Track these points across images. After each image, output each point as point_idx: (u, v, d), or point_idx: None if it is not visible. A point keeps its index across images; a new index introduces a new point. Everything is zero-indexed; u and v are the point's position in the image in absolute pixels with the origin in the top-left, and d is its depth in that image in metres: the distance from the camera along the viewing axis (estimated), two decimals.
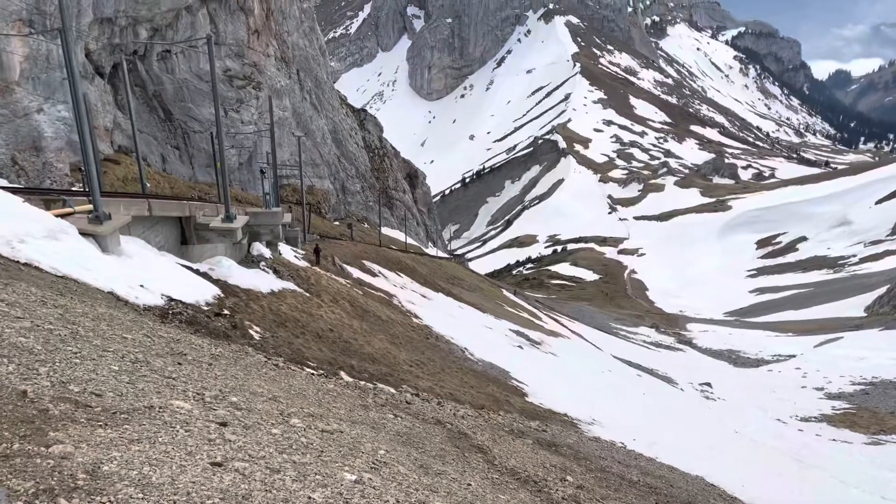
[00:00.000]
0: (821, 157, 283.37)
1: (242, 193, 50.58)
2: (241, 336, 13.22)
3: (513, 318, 44.28)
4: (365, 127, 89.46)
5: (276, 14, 61.20)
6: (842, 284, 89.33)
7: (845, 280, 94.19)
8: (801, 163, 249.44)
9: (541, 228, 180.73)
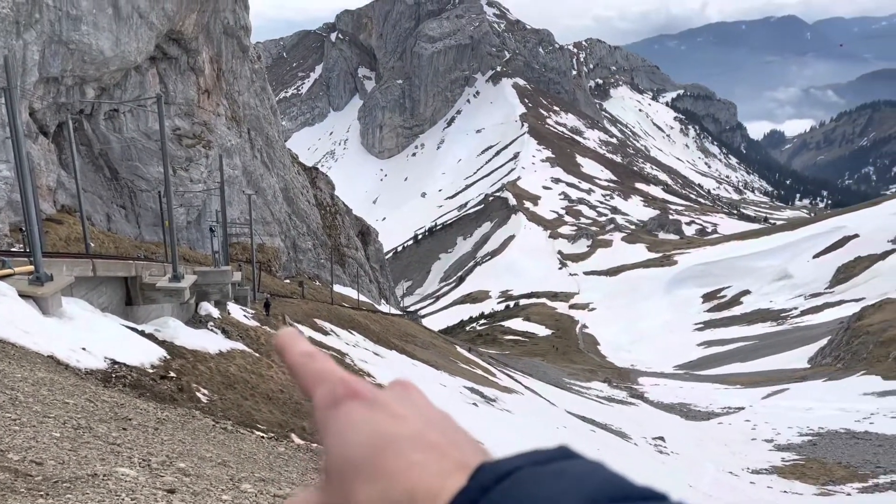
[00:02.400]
0: (760, 214, 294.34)
1: (191, 252, 49.75)
2: (188, 399, 12.84)
3: (467, 374, 44.03)
4: (316, 185, 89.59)
5: (226, 74, 61.55)
6: (785, 337, 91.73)
7: (788, 332, 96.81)
8: (741, 219, 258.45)
9: (493, 284, 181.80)
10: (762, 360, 77.20)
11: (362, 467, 0.57)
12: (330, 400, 0.66)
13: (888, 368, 49.71)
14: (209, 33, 58.08)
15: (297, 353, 0.72)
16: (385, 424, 0.61)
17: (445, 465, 0.57)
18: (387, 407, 0.64)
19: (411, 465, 0.56)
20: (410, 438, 0.59)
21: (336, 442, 0.62)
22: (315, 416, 0.67)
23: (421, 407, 0.66)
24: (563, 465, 0.53)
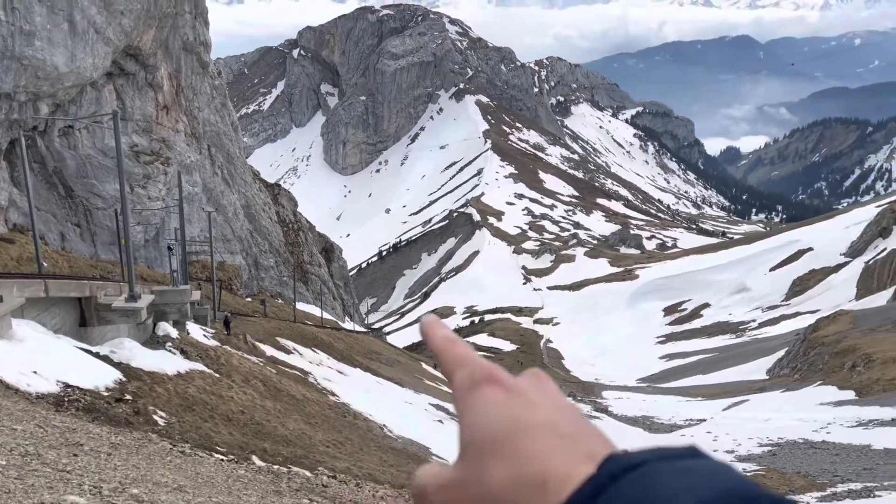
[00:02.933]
0: (717, 228, 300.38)
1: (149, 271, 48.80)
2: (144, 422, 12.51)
3: (432, 391, 43.84)
4: (279, 201, 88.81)
5: (186, 90, 60.85)
6: (744, 349, 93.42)
7: (747, 344, 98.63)
8: (700, 233, 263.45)
9: (458, 300, 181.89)
10: (722, 371, 78.42)
11: (498, 447, 0.62)
12: (469, 383, 0.72)
13: (843, 379, 50.89)
14: (168, 49, 57.42)
15: (441, 338, 0.78)
16: (522, 410, 0.65)
17: (576, 453, 0.60)
18: (523, 395, 0.68)
19: (545, 450, 0.60)
20: (545, 426, 0.63)
21: (474, 421, 0.67)
22: (454, 396, 0.73)
23: (554, 398, 0.69)
24: (692, 464, 0.54)
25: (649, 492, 0.51)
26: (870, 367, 49.89)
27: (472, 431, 0.66)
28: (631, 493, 0.52)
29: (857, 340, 57.98)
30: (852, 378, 49.72)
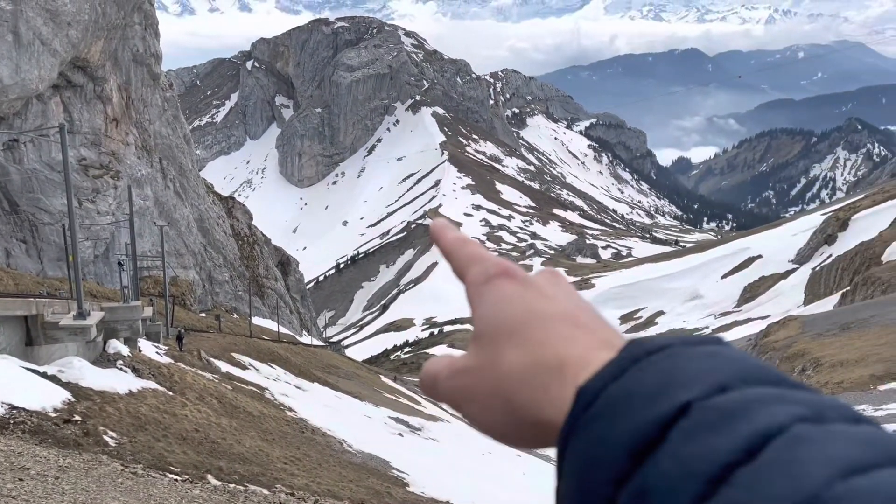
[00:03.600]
0: (671, 237, 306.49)
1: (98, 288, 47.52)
2: (94, 443, 12.14)
3: (392, 404, 43.57)
4: (233, 215, 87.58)
5: (136, 103, 59.72)
6: None
7: None
8: (653, 242, 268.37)
9: (417, 311, 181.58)
10: None
11: (514, 334, 0.62)
12: (483, 277, 0.71)
13: None
14: (117, 61, 56.31)
15: (451, 238, 0.79)
16: (537, 301, 0.66)
17: (594, 340, 0.61)
18: (538, 287, 0.69)
19: (562, 336, 0.61)
20: (561, 315, 0.64)
21: (488, 311, 0.67)
22: (467, 292, 0.72)
23: (569, 293, 0.69)
24: (714, 349, 0.55)
25: (671, 373, 0.51)
26: (818, 371, 51.31)
27: (486, 321, 0.66)
28: (654, 373, 0.52)
29: (806, 345, 59.63)
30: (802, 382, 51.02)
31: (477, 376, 0.63)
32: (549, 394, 0.58)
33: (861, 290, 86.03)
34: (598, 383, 0.53)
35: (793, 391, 0.51)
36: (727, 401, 0.48)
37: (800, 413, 0.47)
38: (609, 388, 0.52)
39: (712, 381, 0.49)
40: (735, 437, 0.45)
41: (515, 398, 0.59)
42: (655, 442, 0.47)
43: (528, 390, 0.59)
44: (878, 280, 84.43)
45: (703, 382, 0.49)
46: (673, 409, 0.48)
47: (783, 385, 0.51)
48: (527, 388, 0.59)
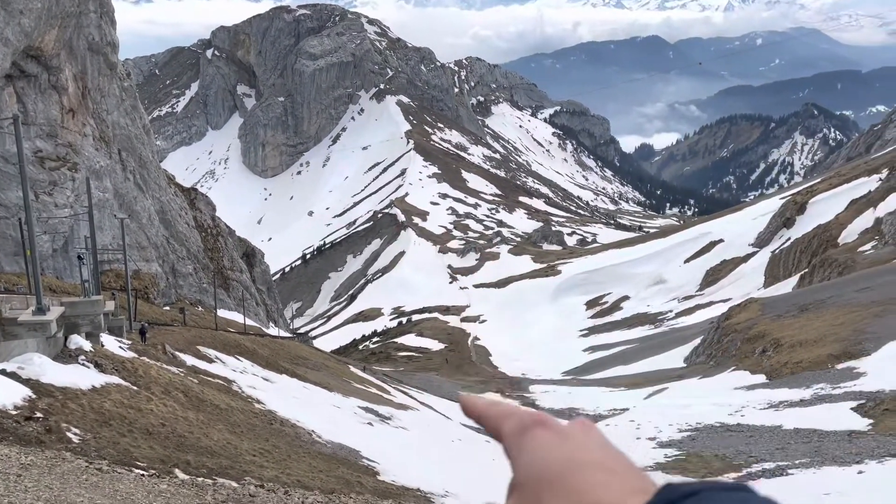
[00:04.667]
0: (634, 223, 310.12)
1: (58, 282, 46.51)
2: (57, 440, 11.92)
3: (361, 394, 43.53)
4: (196, 206, 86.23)
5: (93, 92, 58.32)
6: (663, 338, 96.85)
7: (665, 334, 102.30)
8: (618, 228, 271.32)
9: (385, 301, 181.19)
10: (643, 361, 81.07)
11: (553, 484, 0.67)
12: (520, 428, 0.76)
13: (754, 364, 53.47)
14: (72, 50, 54.86)
15: (483, 404, 0.84)
16: (573, 450, 0.70)
17: (627, 487, 0.66)
18: (573, 437, 0.73)
19: (597, 484, 0.66)
20: (596, 463, 0.69)
21: (528, 461, 0.71)
22: (505, 444, 0.76)
23: (601, 441, 0.74)
24: (745, 496, 0.58)
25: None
26: (778, 352, 52.60)
27: (526, 470, 0.70)
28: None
29: (767, 326, 61.04)
30: (763, 363, 52.32)
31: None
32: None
33: (819, 271, 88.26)
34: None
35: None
36: None
37: None
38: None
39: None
40: None
41: None
42: None
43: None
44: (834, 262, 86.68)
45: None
46: None
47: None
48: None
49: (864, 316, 52.24)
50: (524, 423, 0.76)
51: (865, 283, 63.33)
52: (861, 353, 44.70)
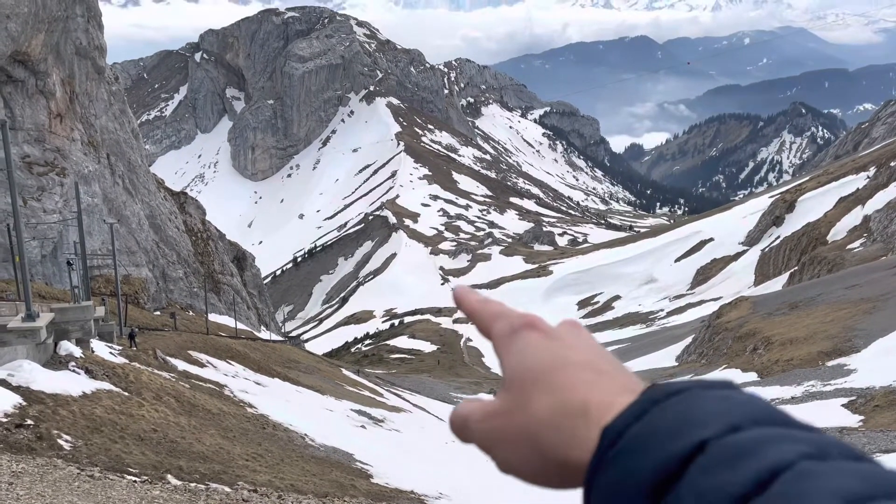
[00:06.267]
0: (625, 222, 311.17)
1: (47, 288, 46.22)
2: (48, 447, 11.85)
3: (354, 397, 43.46)
4: (186, 210, 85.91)
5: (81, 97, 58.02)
6: (654, 337, 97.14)
7: (657, 333, 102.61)
8: (608, 228, 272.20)
9: (377, 303, 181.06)
10: (635, 360, 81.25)
11: (540, 380, 0.69)
12: (509, 329, 0.77)
13: (746, 361, 53.72)
14: (59, 54, 54.56)
15: (474, 300, 0.86)
16: (561, 350, 0.72)
17: (615, 385, 0.68)
18: (561, 337, 0.75)
19: (585, 382, 0.68)
20: (583, 363, 0.70)
21: (516, 360, 0.73)
22: (494, 344, 0.78)
23: (590, 343, 0.76)
24: (728, 392, 0.61)
25: (689, 413, 0.57)
26: (769, 349, 52.86)
27: (514, 369, 0.72)
28: (673, 414, 0.57)
29: (757, 324, 61.32)
30: (754, 360, 52.55)
31: (507, 419, 0.69)
32: (575, 435, 0.63)
33: (808, 269, 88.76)
34: (622, 423, 0.59)
35: (799, 431, 0.56)
36: (740, 439, 0.54)
37: (805, 451, 0.52)
38: (632, 428, 0.58)
39: (726, 422, 0.55)
40: (747, 472, 0.50)
41: (543, 440, 0.65)
42: (676, 476, 0.53)
43: (556, 432, 0.64)
44: (823, 259, 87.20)
45: (718, 423, 0.55)
46: (691, 447, 0.54)
47: (790, 426, 0.57)
48: (554, 429, 0.64)
49: (854, 313, 52.58)
50: (514, 324, 0.78)
51: (854, 281, 63.75)
52: (851, 350, 45.00)
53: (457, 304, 0.89)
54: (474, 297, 0.87)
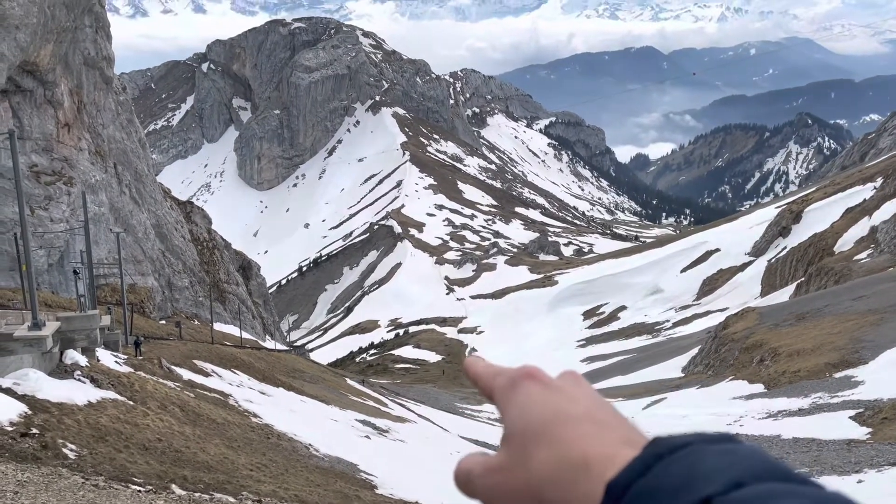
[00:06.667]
0: (631, 232, 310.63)
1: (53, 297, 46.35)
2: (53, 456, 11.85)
3: (358, 407, 43.38)
4: (192, 219, 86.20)
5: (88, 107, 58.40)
6: (660, 348, 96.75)
7: (663, 344, 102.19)
8: (614, 238, 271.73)
9: (382, 313, 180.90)
10: (641, 371, 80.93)
11: (541, 434, 0.67)
12: (509, 383, 0.77)
13: (752, 373, 53.43)
14: (68, 64, 54.96)
15: (481, 365, 0.87)
16: (561, 402, 0.71)
17: (616, 438, 0.67)
18: (562, 389, 0.74)
19: (586, 435, 0.66)
20: (584, 416, 0.69)
21: (517, 413, 0.72)
22: (496, 399, 0.78)
23: (590, 394, 0.74)
24: (731, 446, 0.60)
25: (693, 469, 0.56)
26: (776, 361, 52.57)
27: (515, 422, 0.71)
28: (677, 470, 0.57)
29: (764, 336, 61.01)
30: (761, 372, 52.26)
31: (508, 474, 0.68)
32: (577, 490, 0.62)
33: (815, 280, 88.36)
34: (626, 479, 0.59)
35: (801, 486, 0.56)
36: (743, 496, 0.53)
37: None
38: (637, 484, 0.58)
39: (730, 477, 0.55)
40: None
41: (545, 494, 0.64)
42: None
43: (558, 487, 0.63)
44: (830, 270, 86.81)
45: (722, 478, 0.55)
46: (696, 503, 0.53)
47: (791, 481, 0.57)
48: (556, 484, 0.63)
49: (861, 324, 52.28)
50: (514, 377, 0.78)
51: (862, 292, 63.40)
52: (858, 362, 44.71)
53: (466, 373, 0.89)
54: (481, 363, 0.88)
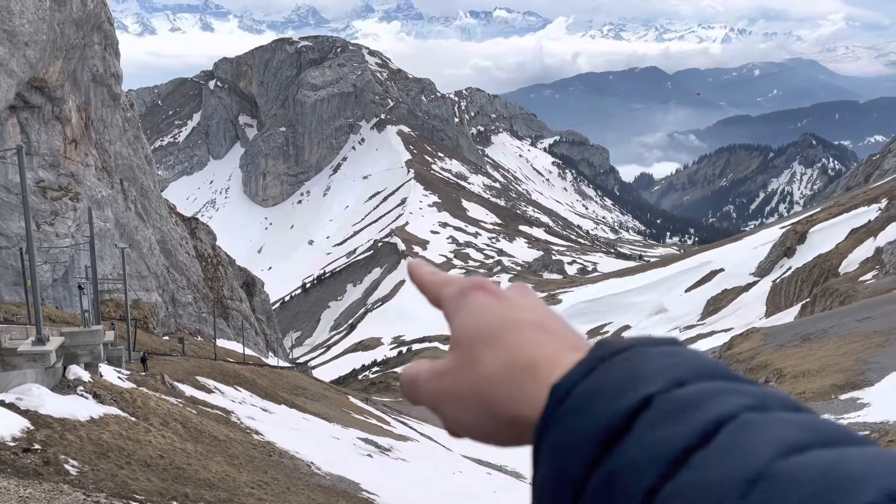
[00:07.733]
0: (635, 252, 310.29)
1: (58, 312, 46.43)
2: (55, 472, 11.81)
3: (361, 425, 43.17)
4: (197, 235, 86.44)
5: (96, 123, 58.82)
6: None
7: None
8: (618, 257, 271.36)
9: (385, 330, 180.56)
10: None
11: (489, 339, 0.69)
12: (459, 292, 0.78)
13: None
14: (76, 81, 55.48)
15: (426, 272, 0.86)
16: (510, 310, 0.72)
17: (562, 344, 0.69)
18: (510, 298, 0.75)
19: (533, 340, 0.68)
20: (532, 322, 0.71)
21: (465, 320, 0.73)
22: (444, 307, 0.78)
23: (538, 304, 0.75)
24: (673, 349, 0.63)
25: (635, 370, 0.58)
26: (781, 382, 52.22)
27: (463, 328, 0.72)
28: (619, 371, 0.58)
29: (769, 356, 60.67)
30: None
31: (456, 378, 0.69)
32: (523, 392, 0.63)
33: (820, 301, 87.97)
34: (570, 380, 0.59)
35: (741, 385, 0.59)
36: (685, 394, 0.55)
37: (747, 403, 0.55)
38: (580, 385, 0.59)
39: (672, 377, 0.57)
40: (692, 424, 0.52)
41: (492, 397, 0.65)
42: (622, 431, 0.54)
43: (504, 389, 0.65)
44: (836, 291, 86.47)
45: (664, 378, 0.56)
46: (638, 402, 0.55)
47: (732, 380, 0.59)
48: (503, 387, 0.65)
49: (867, 346, 51.97)
50: (463, 286, 0.78)
51: (867, 313, 63.09)
52: (864, 384, 44.39)
53: (409, 276, 0.89)
54: (426, 268, 0.87)
